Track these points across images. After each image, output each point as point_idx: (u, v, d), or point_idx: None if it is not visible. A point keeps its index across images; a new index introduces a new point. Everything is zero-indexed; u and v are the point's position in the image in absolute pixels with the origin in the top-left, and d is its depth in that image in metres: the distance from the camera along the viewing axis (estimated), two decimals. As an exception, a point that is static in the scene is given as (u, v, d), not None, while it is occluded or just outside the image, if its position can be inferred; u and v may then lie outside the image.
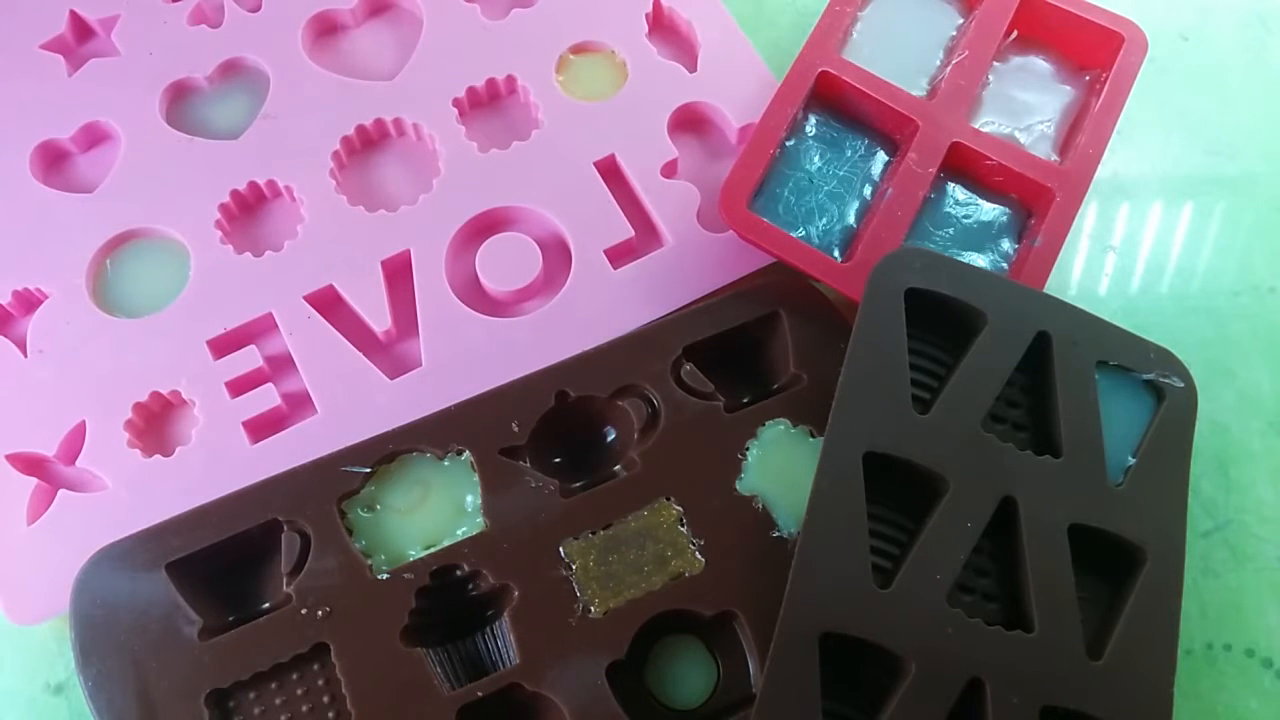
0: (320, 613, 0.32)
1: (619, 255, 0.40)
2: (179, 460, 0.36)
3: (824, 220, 0.38)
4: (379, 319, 0.38)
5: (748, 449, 0.35)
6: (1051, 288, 0.37)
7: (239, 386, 0.37)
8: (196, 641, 0.32)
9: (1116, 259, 0.42)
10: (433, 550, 0.33)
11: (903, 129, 0.39)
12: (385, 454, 0.34)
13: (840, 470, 0.31)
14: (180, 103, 0.43)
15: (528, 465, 0.34)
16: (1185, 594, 0.32)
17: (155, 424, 0.38)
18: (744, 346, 0.37)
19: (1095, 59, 0.41)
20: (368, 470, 0.34)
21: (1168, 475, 0.34)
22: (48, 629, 0.36)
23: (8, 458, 0.36)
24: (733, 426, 0.35)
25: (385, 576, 0.33)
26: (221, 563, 0.33)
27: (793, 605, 0.30)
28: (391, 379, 0.37)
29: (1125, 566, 0.32)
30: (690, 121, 0.43)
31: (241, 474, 0.35)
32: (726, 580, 0.33)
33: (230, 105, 0.43)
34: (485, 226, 0.40)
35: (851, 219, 0.39)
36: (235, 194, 0.41)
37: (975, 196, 0.39)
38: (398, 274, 0.39)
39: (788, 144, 0.39)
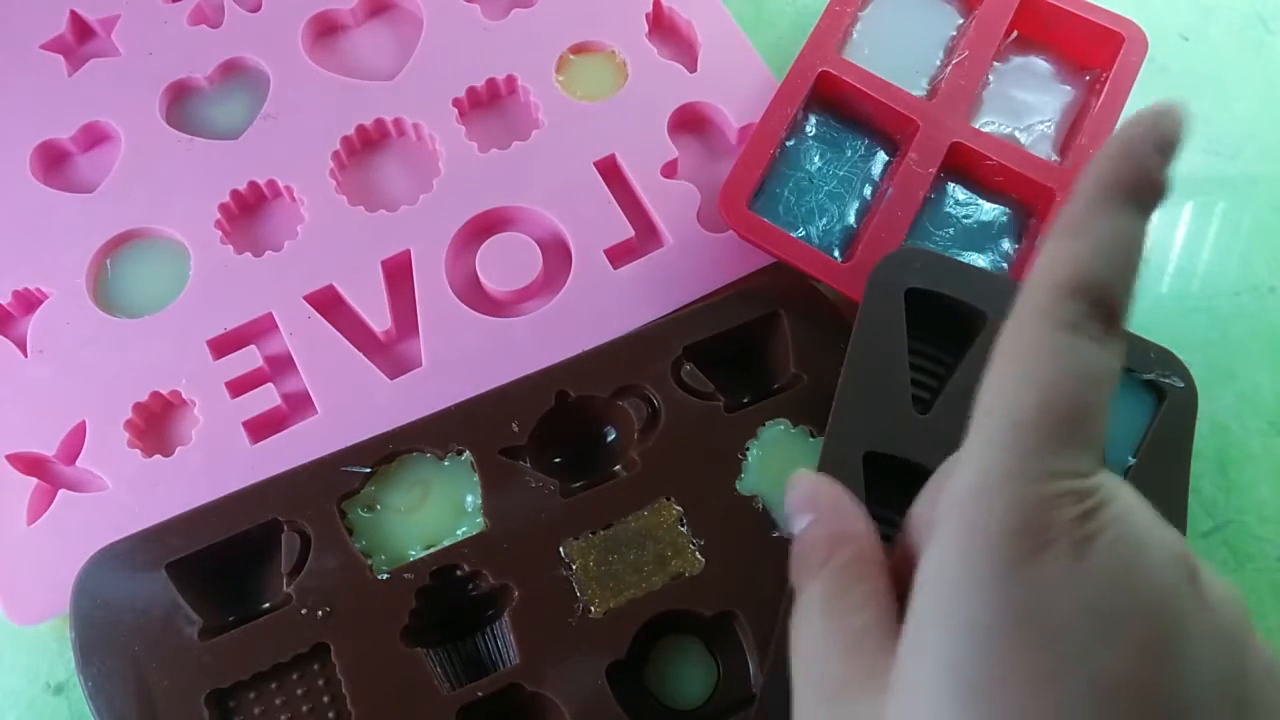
0: (320, 613, 0.32)
1: (619, 255, 0.40)
2: (179, 460, 0.36)
3: (824, 220, 0.38)
4: (379, 319, 0.38)
5: (748, 449, 0.35)
6: (1051, 288, 0.36)
7: (239, 386, 0.37)
8: (196, 641, 0.32)
9: (1116, 259, 0.42)
10: (433, 550, 0.33)
11: (903, 129, 0.39)
12: (385, 454, 0.34)
13: (840, 470, 0.31)
14: (180, 103, 0.43)
15: (528, 465, 0.34)
16: (1185, 594, 0.32)
17: (155, 424, 0.38)
18: (744, 346, 0.37)
19: (1095, 59, 0.41)
20: (368, 470, 0.34)
21: (1168, 475, 0.34)
22: (48, 629, 0.36)
23: (8, 458, 0.36)
24: (733, 426, 0.35)
25: (385, 576, 0.33)
26: (221, 563, 0.33)
27: (791, 605, 0.30)
28: (391, 379, 0.37)
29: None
30: (690, 121, 0.43)
31: (241, 474, 0.35)
32: (726, 580, 0.33)
33: (230, 105, 0.43)
34: (485, 226, 0.40)
35: (851, 219, 0.39)
36: (235, 194, 0.41)
37: (975, 196, 0.39)
38: (398, 274, 0.39)
39: (788, 144, 0.39)
